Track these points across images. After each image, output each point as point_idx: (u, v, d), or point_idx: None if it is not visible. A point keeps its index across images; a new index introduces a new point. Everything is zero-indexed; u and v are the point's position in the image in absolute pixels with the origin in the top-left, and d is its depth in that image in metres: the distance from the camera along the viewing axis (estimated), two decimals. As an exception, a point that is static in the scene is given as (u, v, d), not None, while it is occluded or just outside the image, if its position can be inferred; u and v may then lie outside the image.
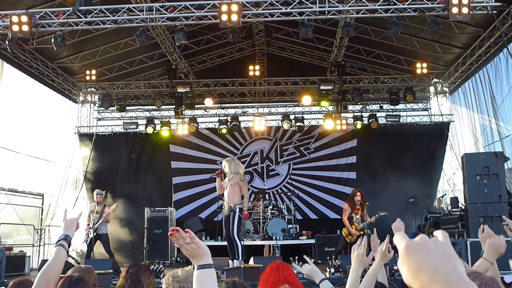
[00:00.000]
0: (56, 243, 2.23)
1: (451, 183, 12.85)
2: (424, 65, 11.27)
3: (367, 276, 2.42)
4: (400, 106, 12.93)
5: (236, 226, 7.09)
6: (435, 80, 13.24)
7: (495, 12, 7.99)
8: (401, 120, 13.22)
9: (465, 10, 7.36)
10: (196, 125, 13.14)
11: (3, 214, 9.80)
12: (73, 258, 8.71)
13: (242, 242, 7.24)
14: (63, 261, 2.17)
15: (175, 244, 1.60)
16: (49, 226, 11.54)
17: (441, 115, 13.21)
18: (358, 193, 8.67)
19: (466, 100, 12.07)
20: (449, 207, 10.24)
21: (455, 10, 7.38)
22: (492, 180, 7.37)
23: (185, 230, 1.59)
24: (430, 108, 13.66)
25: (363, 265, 2.46)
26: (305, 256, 2.82)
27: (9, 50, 8.99)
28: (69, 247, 2.23)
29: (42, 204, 11.59)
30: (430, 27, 8.17)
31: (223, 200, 7.42)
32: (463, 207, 8.59)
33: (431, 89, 13.61)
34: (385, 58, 12.31)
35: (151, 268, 4.89)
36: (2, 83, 10.21)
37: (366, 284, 2.37)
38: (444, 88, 13.37)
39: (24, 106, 10.84)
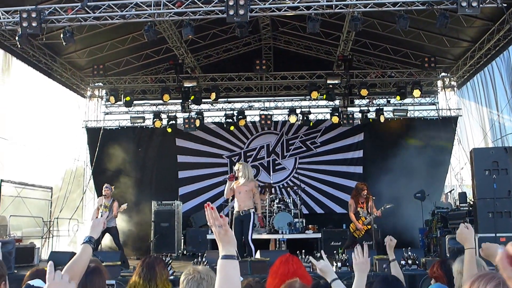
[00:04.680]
0: (82, 243, 2.34)
1: (458, 178, 12.78)
2: (432, 59, 11.18)
3: None
4: (408, 100, 12.84)
5: (251, 231, 7.44)
6: (443, 74, 13.13)
7: (505, 5, 7.90)
8: (408, 115, 13.14)
9: (474, 3, 7.28)
10: (203, 119, 13.17)
11: (13, 207, 9.95)
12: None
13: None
14: (89, 258, 2.26)
15: (208, 221, 1.65)
16: (57, 218, 11.70)
17: (449, 109, 13.11)
18: (365, 188, 8.66)
19: (474, 94, 11.95)
20: (457, 202, 10.19)
21: (464, 3, 7.31)
22: (501, 175, 7.31)
23: (221, 215, 1.64)
24: (437, 102, 13.55)
25: (365, 272, 2.48)
26: (322, 252, 2.87)
27: (19, 46, 9.04)
28: (94, 246, 2.33)
29: (51, 197, 11.74)
30: (438, 21, 8.08)
31: (232, 202, 7.77)
32: (471, 202, 8.55)
33: (439, 83, 13.51)
34: (392, 52, 12.23)
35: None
36: (11, 77, 10.31)
37: None
38: (452, 82, 13.27)
39: (32, 100, 10.93)
